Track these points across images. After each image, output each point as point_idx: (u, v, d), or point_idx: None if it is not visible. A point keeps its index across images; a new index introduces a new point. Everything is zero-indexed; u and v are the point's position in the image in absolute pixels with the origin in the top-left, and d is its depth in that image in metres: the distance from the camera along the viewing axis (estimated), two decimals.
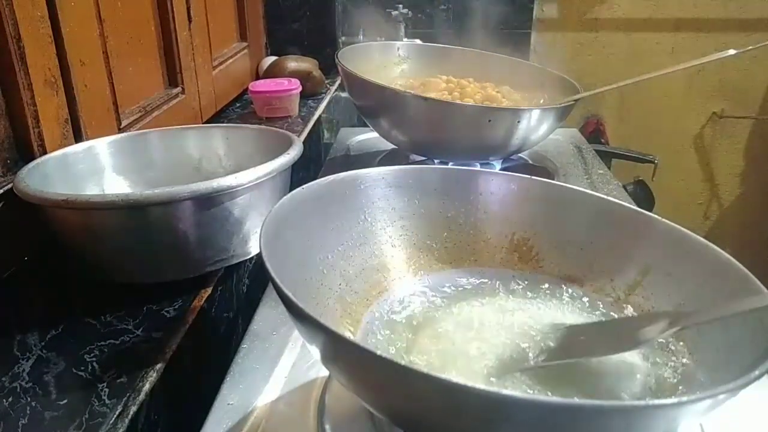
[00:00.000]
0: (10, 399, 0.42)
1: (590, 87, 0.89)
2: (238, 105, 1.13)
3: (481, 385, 0.28)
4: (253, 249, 0.59)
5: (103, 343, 0.49)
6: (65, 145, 0.62)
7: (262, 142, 0.70)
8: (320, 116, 1.15)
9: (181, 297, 0.55)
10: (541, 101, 0.94)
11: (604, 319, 0.47)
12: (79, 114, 0.64)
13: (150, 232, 0.52)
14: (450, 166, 0.76)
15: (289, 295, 0.33)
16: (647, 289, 0.47)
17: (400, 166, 0.53)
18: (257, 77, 1.23)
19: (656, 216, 0.48)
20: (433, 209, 0.54)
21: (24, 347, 0.48)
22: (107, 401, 0.43)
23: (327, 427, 0.44)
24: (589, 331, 0.44)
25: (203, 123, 0.96)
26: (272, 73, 1.15)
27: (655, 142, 1.95)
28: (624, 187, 0.94)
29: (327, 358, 0.36)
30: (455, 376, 0.39)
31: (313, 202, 0.47)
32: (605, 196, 0.52)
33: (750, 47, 0.75)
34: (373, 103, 0.87)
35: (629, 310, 0.47)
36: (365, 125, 0.98)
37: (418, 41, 1.41)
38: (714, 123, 1.97)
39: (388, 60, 1.03)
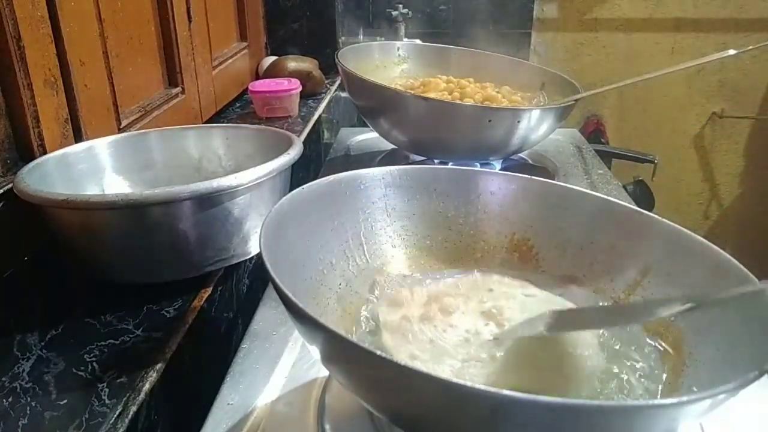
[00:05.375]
0: (10, 399, 0.42)
1: (590, 87, 0.89)
2: (238, 105, 1.13)
3: (481, 385, 0.28)
4: (253, 249, 0.59)
5: (103, 343, 0.49)
6: (65, 145, 0.62)
7: (262, 142, 0.70)
8: (320, 116, 1.15)
9: (181, 297, 0.55)
10: (541, 101, 0.94)
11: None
12: (79, 114, 0.64)
13: (150, 232, 0.52)
14: (450, 166, 0.76)
15: (289, 295, 0.33)
16: (647, 289, 0.47)
17: (400, 166, 0.53)
18: (257, 77, 1.23)
19: (656, 216, 0.48)
20: (433, 209, 0.54)
21: (24, 347, 0.48)
22: (107, 401, 0.43)
23: (327, 427, 0.44)
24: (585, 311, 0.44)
25: (203, 123, 0.96)
26: (272, 73, 1.15)
27: (655, 142, 1.95)
28: (624, 187, 0.94)
29: (327, 358, 0.36)
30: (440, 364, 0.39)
31: (313, 202, 0.47)
32: (605, 196, 0.51)
33: (750, 47, 0.75)
34: (373, 103, 0.87)
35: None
36: (365, 125, 0.98)
37: (418, 41, 1.41)
38: (714, 123, 1.97)
39: (388, 60, 1.03)
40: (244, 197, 0.55)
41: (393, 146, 0.94)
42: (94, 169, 0.64)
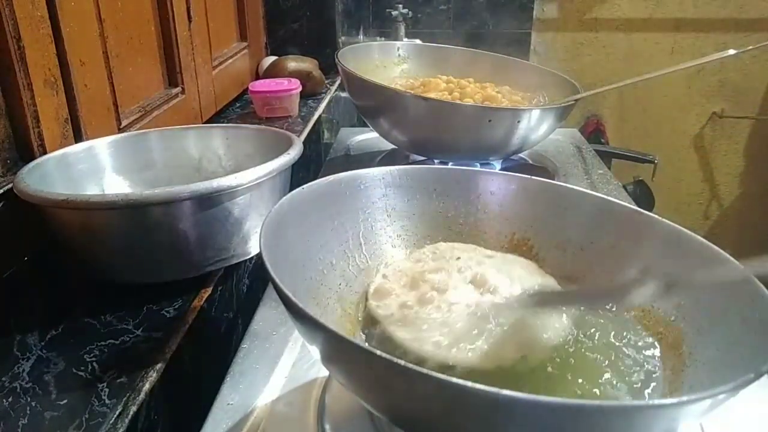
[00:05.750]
0: (10, 399, 0.42)
1: (590, 87, 0.89)
2: (238, 105, 1.13)
3: (481, 385, 0.28)
4: (253, 249, 0.59)
5: (103, 343, 0.49)
6: (65, 145, 0.62)
7: (262, 142, 0.70)
8: (320, 116, 1.15)
9: (181, 297, 0.55)
10: (541, 101, 0.94)
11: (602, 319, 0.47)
12: (79, 114, 0.64)
13: (150, 232, 0.52)
14: (450, 166, 0.76)
15: (289, 295, 0.33)
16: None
17: (400, 166, 0.53)
18: (257, 77, 1.23)
19: (656, 216, 0.48)
20: (433, 209, 0.54)
21: (24, 347, 0.48)
22: (107, 401, 0.43)
23: (327, 427, 0.44)
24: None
25: (203, 123, 0.96)
26: (272, 73, 1.15)
27: (655, 142, 1.95)
28: (624, 187, 0.94)
29: (327, 358, 0.36)
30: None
31: (313, 202, 0.47)
32: (605, 196, 0.51)
33: (750, 47, 0.75)
34: (373, 103, 0.87)
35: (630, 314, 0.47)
36: (365, 125, 0.98)
37: (418, 41, 1.41)
38: (714, 123, 1.97)
39: (388, 60, 1.03)
40: (244, 197, 0.55)
41: (393, 146, 0.94)
42: (94, 169, 0.64)
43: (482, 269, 0.47)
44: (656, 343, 0.43)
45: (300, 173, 0.94)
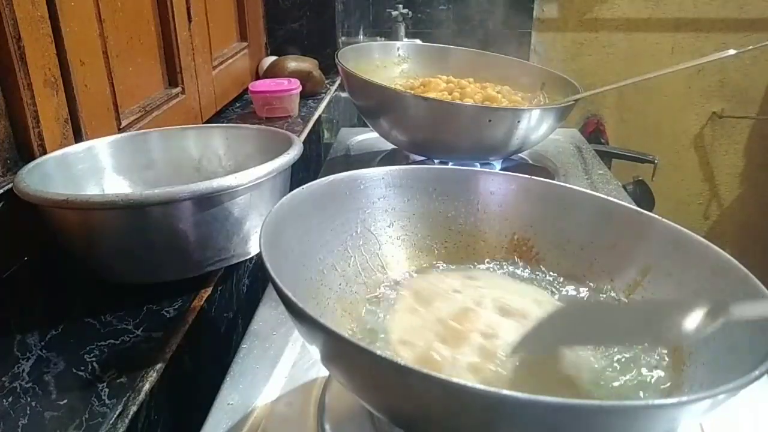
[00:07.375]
0: (10, 399, 0.42)
1: (590, 87, 0.89)
2: (238, 105, 1.13)
3: (481, 386, 0.28)
4: (253, 249, 0.59)
5: (103, 343, 0.49)
6: (65, 145, 0.62)
7: (262, 142, 0.70)
8: (320, 116, 1.15)
9: (181, 297, 0.55)
10: (541, 101, 0.94)
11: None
12: (79, 114, 0.64)
13: (150, 232, 0.52)
14: (450, 166, 0.76)
15: (289, 295, 0.33)
16: (647, 289, 0.47)
17: (400, 166, 0.53)
18: (257, 77, 1.23)
19: (656, 216, 0.48)
20: (433, 209, 0.54)
21: (24, 347, 0.48)
22: (107, 401, 0.43)
23: (327, 427, 0.44)
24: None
25: (203, 123, 0.96)
26: (272, 73, 1.15)
27: (655, 142, 1.96)
28: (624, 187, 0.95)
29: (327, 358, 0.36)
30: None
31: (313, 202, 0.47)
32: (605, 196, 0.52)
33: (750, 47, 0.75)
34: (373, 103, 0.87)
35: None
36: (365, 125, 0.98)
37: (418, 41, 1.41)
38: (714, 123, 1.97)
39: (388, 60, 1.03)
40: (244, 197, 0.55)
41: (393, 146, 0.94)
42: (94, 169, 0.64)
43: (497, 295, 0.46)
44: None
45: (300, 173, 0.94)
